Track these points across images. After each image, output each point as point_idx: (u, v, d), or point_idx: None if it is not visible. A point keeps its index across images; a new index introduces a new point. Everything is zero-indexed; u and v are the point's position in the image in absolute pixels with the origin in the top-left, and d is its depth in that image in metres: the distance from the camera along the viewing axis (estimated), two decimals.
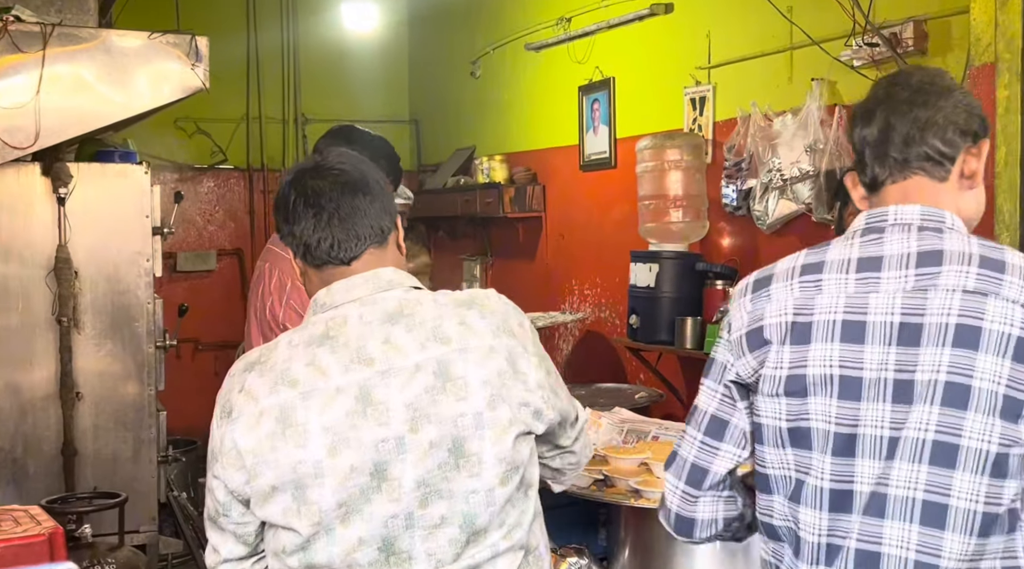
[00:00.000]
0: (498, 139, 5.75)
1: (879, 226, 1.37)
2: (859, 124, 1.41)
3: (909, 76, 1.42)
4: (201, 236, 6.34)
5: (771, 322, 1.39)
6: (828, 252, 1.39)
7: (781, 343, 1.37)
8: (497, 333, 1.46)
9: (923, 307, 1.30)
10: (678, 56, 4.20)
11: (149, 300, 3.58)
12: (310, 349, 1.45)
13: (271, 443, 1.40)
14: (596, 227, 4.84)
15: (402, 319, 1.45)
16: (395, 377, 1.41)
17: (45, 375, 3.42)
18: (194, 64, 3.22)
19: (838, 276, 1.36)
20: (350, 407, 1.40)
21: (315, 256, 1.51)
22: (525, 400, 1.45)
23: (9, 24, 2.95)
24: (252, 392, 1.44)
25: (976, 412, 1.27)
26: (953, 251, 1.33)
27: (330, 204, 1.49)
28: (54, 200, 3.37)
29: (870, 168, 1.40)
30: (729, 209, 3.84)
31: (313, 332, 1.46)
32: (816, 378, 1.35)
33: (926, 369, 1.29)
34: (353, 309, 1.46)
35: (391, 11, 6.26)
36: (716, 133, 4.00)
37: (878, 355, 1.32)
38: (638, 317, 4.05)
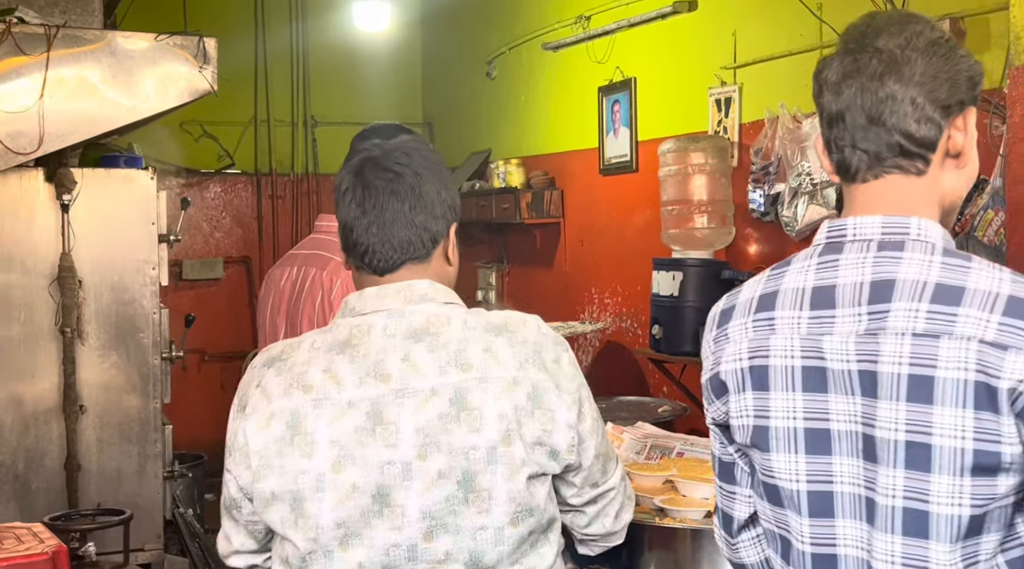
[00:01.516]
0: (514, 142, 5.75)
1: (838, 243, 1.26)
2: (826, 94, 1.26)
3: (879, 33, 1.23)
4: (208, 243, 6.37)
5: (727, 367, 1.31)
6: (785, 277, 1.29)
7: (740, 390, 1.30)
8: (524, 365, 1.42)
9: (876, 353, 1.19)
10: (702, 55, 4.18)
11: (155, 310, 3.59)
12: (330, 355, 1.44)
13: (278, 448, 1.41)
14: (617, 233, 4.83)
15: (427, 337, 1.43)
16: (409, 398, 1.40)
17: (47, 387, 3.43)
18: (202, 66, 3.23)
19: (791, 313, 1.26)
20: (359, 423, 1.40)
21: (353, 257, 1.50)
22: (541, 439, 1.41)
23: (12, 26, 2.97)
24: (267, 391, 1.44)
25: (941, 474, 1.16)
26: (906, 280, 1.19)
27: (374, 209, 1.46)
28: (57, 207, 3.38)
29: (839, 154, 1.26)
30: (756, 215, 3.82)
31: (336, 337, 1.46)
32: (779, 432, 1.26)
33: (884, 426, 1.18)
34: (379, 319, 1.45)
35: (404, 10, 6.29)
36: (742, 135, 3.98)
37: (844, 405, 1.22)
38: (661, 327, 4.03)
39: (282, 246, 6.48)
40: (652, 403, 4.03)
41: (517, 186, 5.36)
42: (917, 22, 1.25)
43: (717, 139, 4.02)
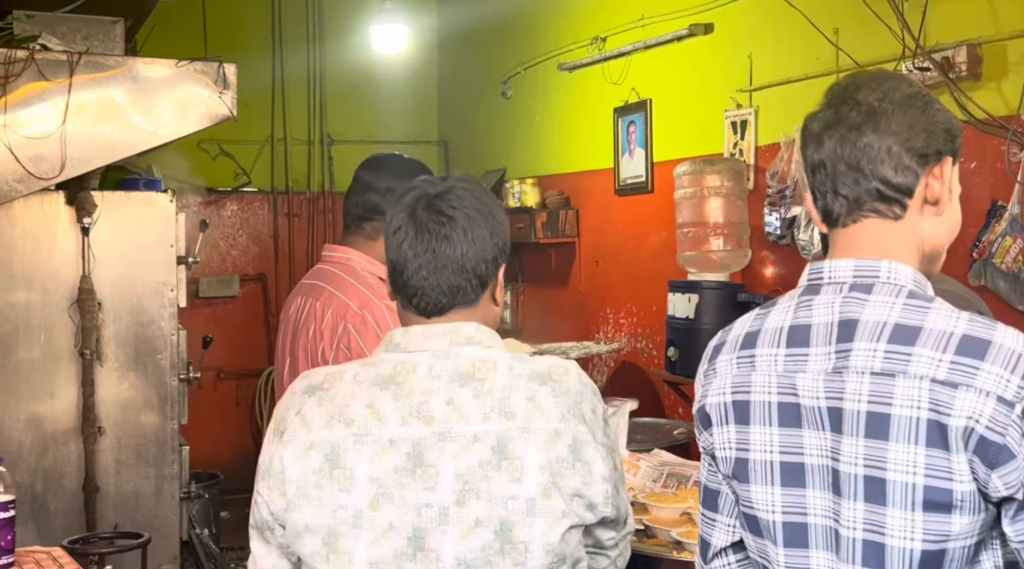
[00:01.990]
0: (530, 161, 5.76)
1: (816, 284, 1.32)
2: (809, 146, 1.33)
3: (859, 89, 1.31)
4: (224, 261, 6.41)
5: (712, 401, 1.37)
6: (768, 317, 1.35)
7: (723, 423, 1.35)
8: (566, 417, 1.42)
9: (841, 391, 1.25)
10: (718, 78, 4.19)
11: (173, 332, 3.61)
12: (373, 390, 1.43)
13: (316, 480, 1.40)
14: (632, 254, 4.84)
15: (472, 382, 1.42)
16: (451, 443, 1.39)
17: (66, 409, 3.46)
18: (222, 92, 3.27)
19: (770, 351, 1.32)
20: (400, 463, 1.39)
21: (400, 294, 1.50)
22: (580, 492, 1.41)
23: (36, 53, 3.01)
24: (308, 420, 1.43)
25: (895, 508, 1.21)
26: (868, 321, 1.25)
27: (426, 252, 1.46)
28: (78, 230, 3.42)
29: (821, 202, 1.33)
30: (772, 238, 3.82)
31: (380, 372, 1.45)
32: (757, 464, 1.32)
33: (846, 461, 1.24)
34: (424, 359, 1.44)
35: (420, 33, 6.33)
36: (758, 158, 3.99)
37: (817, 440, 1.28)
38: (676, 350, 4.03)
39: (298, 264, 6.51)
40: (667, 425, 4.02)
41: (532, 206, 5.38)
42: (895, 79, 1.33)
43: (733, 162, 4.03)
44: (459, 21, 6.40)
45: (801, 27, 3.62)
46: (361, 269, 2.31)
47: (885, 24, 3.15)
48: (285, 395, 1.51)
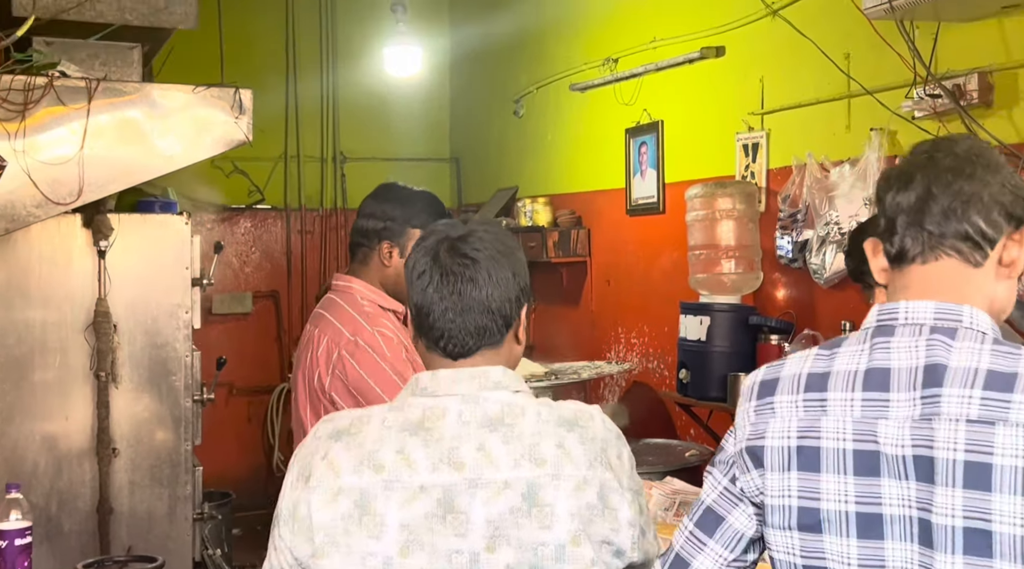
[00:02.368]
0: (541, 180, 5.78)
1: (889, 326, 1.29)
2: (894, 187, 1.32)
3: (954, 144, 1.33)
4: (237, 278, 6.44)
5: (772, 444, 1.32)
6: (837, 359, 1.30)
7: (785, 469, 1.30)
8: (593, 463, 1.42)
9: (932, 439, 1.21)
10: (730, 101, 4.21)
11: (187, 353, 3.63)
12: (402, 435, 1.43)
13: (345, 526, 1.39)
14: (643, 274, 4.84)
15: (501, 427, 1.43)
16: (482, 489, 1.40)
17: (81, 430, 3.48)
18: (237, 117, 3.29)
19: (844, 395, 1.28)
20: (430, 509, 1.39)
21: (426, 339, 1.50)
22: (609, 539, 1.42)
23: (55, 80, 3.05)
24: (335, 465, 1.42)
25: (1003, 560, 1.17)
26: (958, 368, 1.22)
27: (452, 295, 1.46)
28: (94, 252, 3.44)
29: (899, 238, 1.30)
30: (784, 261, 3.83)
31: (409, 417, 1.45)
32: (831, 514, 1.27)
33: (941, 512, 1.19)
34: (454, 404, 1.45)
35: (433, 54, 6.37)
36: (770, 181, 3.99)
37: (897, 489, 1.23)
38: (688, 372, 4.03)
39: (310, 281, 6.54)
40: (679, 446, 4.03)
41: (544, 225, 5.39)
42: (984, 144, 1.36)
43: (745, 185, 4.04)
44: (471, 42, 6.43)
45: (812, 52, 3.63)
46: (360, 297, 2.37)
47: (895, 51, 3.16)
48: (308, 439, 1.50)
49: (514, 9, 5.96)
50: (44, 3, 3.06)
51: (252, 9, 6.17)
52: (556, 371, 4.46)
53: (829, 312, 3.68)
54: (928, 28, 3.14)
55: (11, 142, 3.05)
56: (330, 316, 2.37)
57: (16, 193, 3.10)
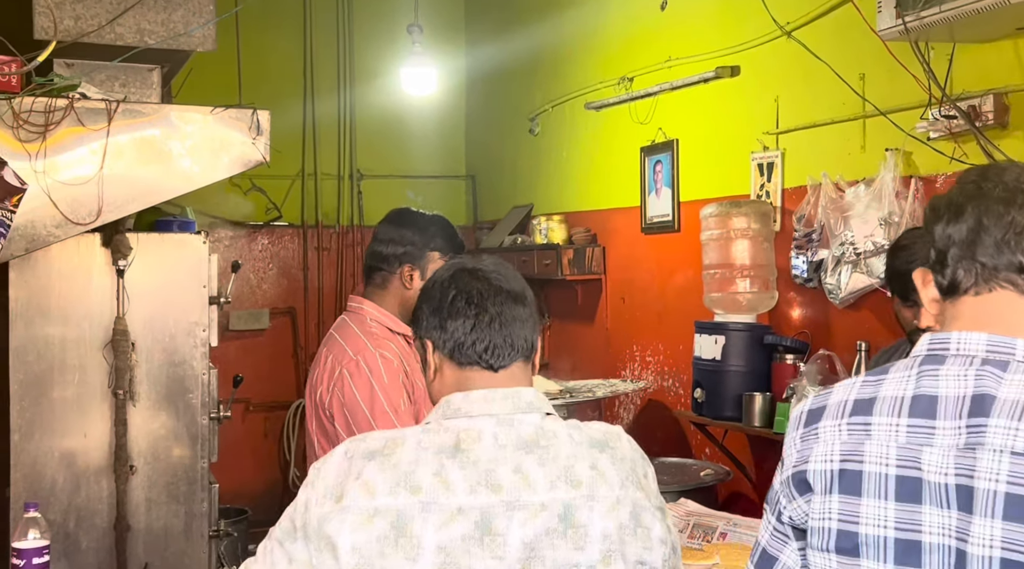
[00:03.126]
0: (556, 198, 5.79)
1: (940, 355, 1.29)
2: (944, 219, 1.31)
3: (1002, 172, 1.31)
4: (254, 294, 6.47)
5: (816, 467, 1.31)
6: (883, 385, 1.30)
7: (827, 492, 1.30)
8: (625, 483, 1.45)
9: (973, 468, 1.20)
10: (745, 120, 4.21)
11: (204, 371, 3.65)
12: (439, 457, 1.43)
13: (380, 548, 1.38)
14: (658, 292, 4.84)
15: (537, 450, 1.45)
16: (520, 511, 1.40)
17: (99, 447, 3.49)
18: (255, 138, 3.31)
19: (889, 420, 1.27)
20: (468, 531, 1.39)
21: (464, 356, 1.52)
22: (642, 558, 1.43)
23: (75, 102, 3.08)
24: (370, 486, 1.41)
25: None
26: (1007, 400, 1.21)
27: (493, 307, 1.52)
28: (113, 271, 3.46)
29: (951, 270, 1.29)
30: (799, 280, 3.82)
31: (444, 441, 1.45)
32: (869, 539, 1.26)
33: (978, 542, 1.19)
34: (488, 426, 1.46)
35: (449, 73, 6.40)
36: (785, 200, 3.99)
37: (938, 518, 1.22)
38: (703, 391, 4.02)
39: (326, 297, 6.56)
40: (694, 466, 4.01)
41: (559, 243, 5.40)
42: None
43: (760, 204, 4.03)
44: (487, 61, 6.47)
45: (827, 72, 3.63)
46: (369, 319, 2.44)
47: (910, 73, 3.15)
48: (336, 458, 1.48)
49: (529, 29, 5.98)
50: (65, 27, 3.09)
51: (270, 31, 6.23)
52: (571, 389, 4.45)
53: (844, 332, 3.66)
54: (943, 49, 3.14)
55: (32, 163, 3.08)
56: (338, 336, 2.44)
57: (36, 213, 3.13)
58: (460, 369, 1.52)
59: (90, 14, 3.17)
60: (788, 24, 3.87)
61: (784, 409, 3.61)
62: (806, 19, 3.79)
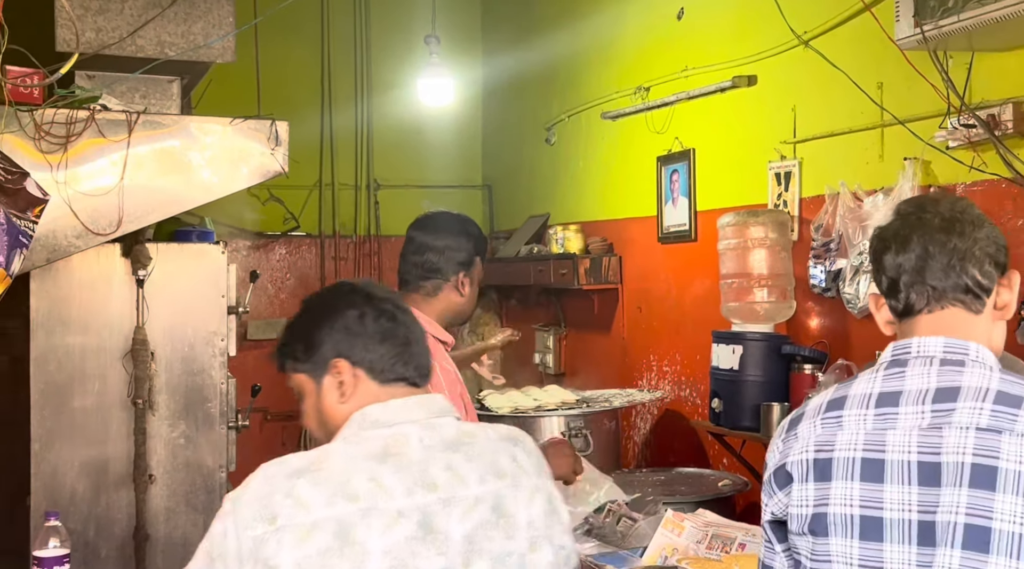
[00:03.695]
0: (573, 207, 5.79)
1: (902, 359, 1.43)
2: (893, 249, 1.46)
3: (937, 203, 1.47)
4: (272, 303, 6.50)
5: (794, 459, 1.45)
6: (853, 386, 1.46)
7: (803, 480, 1.43)
8: (539, 472, 1.57)
9: (939, 445, 1.33)
10: (762, 129, 4.19)
11: (223, 380, 3.67)
12: (370, 464, 1.45)
13: (324, 561, 1.38)
14: (675, 301, 4.82)
15: (462, 447, 1.52)
16: (456, 507, 1.46)
17: (118, 457, 3.52)
18: (274, 149, 3.34)
19: (858, 412, 1.41)
20: (411, 532, 1.42)
21: (385, 373, 1.56)
22: (563, 543, 1.54)
23: (96, 113, 3.11)
24: (304, 501, 1.41)
25: (998, 555, 1.28)
26: (970, 387, 1.36)
27: (402, 328, 1.60)
28: (133, 281, 3.50)
29: (904, 295, 1.44)
30: (817, 290, 3.79)
31: (371, 448, 1.47)
32: (836, 518, 1.39)
33: (945, 510, 1.30)
34: (413, 430, 1.51)
35: (466, 83, 6.43)
36: (802, 210, 3.97)
37: (898, 494, 1.35)
38: (721, 401, 3.99)
39: None
40: (712, 476, 3.98)
41: (576, 252, 5.39)
42: (963, 199, 1.54)
43: (777, 213, 4.01)
44: (503, 71, 6.48)
45: (845, 81, 3.62)
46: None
47: (928, 82, 3.14)
48: (256, 484, 1.46)
49: (546, 39, 5.99)
50: (87, 39, 3.13)
51: (288, 42, 6.26)
52: (587, 398, 4.44)
53: (863, 342, 3.64)
54: (962, 58, 3.12)
55: (53, 173, 3.12)
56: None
57: (57, 223, 3.17)
58: (383, 386, 1.57)
59: (111, 26, 3.20)
60: (805, 33, 3.86)
61: None
62: (823, 28, 3.78)
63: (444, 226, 2.48)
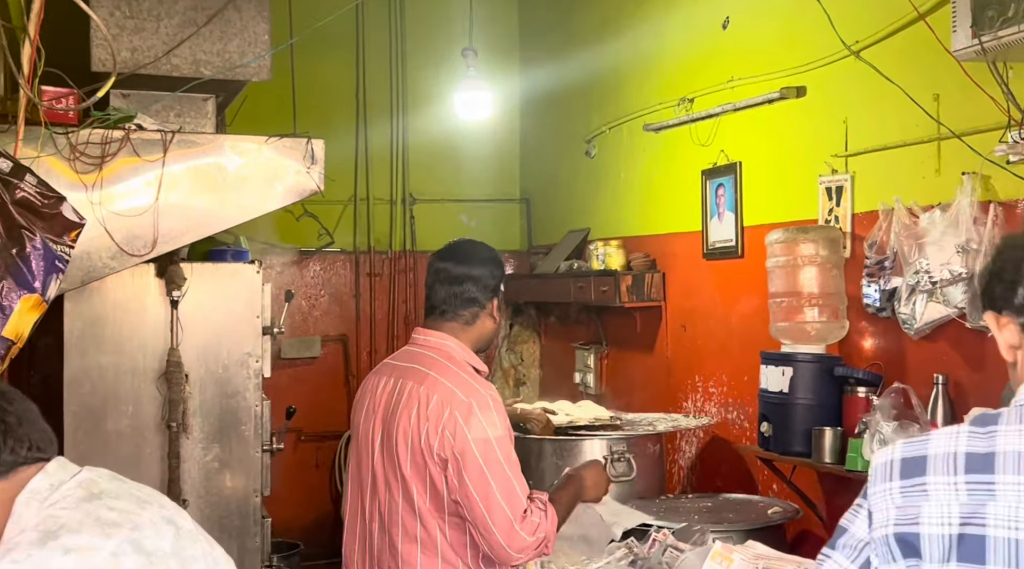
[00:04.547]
0: (614, 222, 5.77)
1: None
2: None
3: None
4: (306, 321, 6.55)
5: (929, 531, 1.27)
6: (998, 438, 1.28)
7: (944, 560, 1.25)
8: None
9: None
10: (812, 142, 4.15)
11: (257, 402, 3.71)
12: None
13: None
14: (721, 320, 4.78)
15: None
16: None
17: (151, 480, 3.55)
18: (309, 167, 3.37)
19: (1015, 478, 1.24)
20: None
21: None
22: None
23: (131, 133, 3.16)
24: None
25: None
26: None
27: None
28: (167, 302, 3.55)
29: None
30: (871, 310, 3.74)
31: None
32: None
33: None
34: None
35: (504, 97, 6.46)
36: (855, 226, 3.92)
37: None
38: (770, 425, 3.95)
39: (378, 324, 6.62)
40: (761, 503, 3.93)
41: (617, 268, 5.37)
42: None
43: (828, 230, 3.97)
44: (542, 83, 6.50)
45: (898, 92, 3.58)
46: (459, 357, 2.46)
47: (987, 94, 3.09)
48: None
49: (586, 50, 6.00)
50: (123, 58, 3.18)
51: (324, 57, 6.33)
52: (630, 422, 4.41)
53: (920, 364, 3.58)
54: (1022, 69, 3.07)
55: (88, 194, 3.17)
56: (435, 374, 2.42)
57: (92, 244, 3.22)
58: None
59: (146, 46, 3.26)
60: (856, 43, 3.82)
61: (856, 445, 3.54)
62: (875, 38, 3.74)
63: (474, 255, 2.58)
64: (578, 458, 3.92)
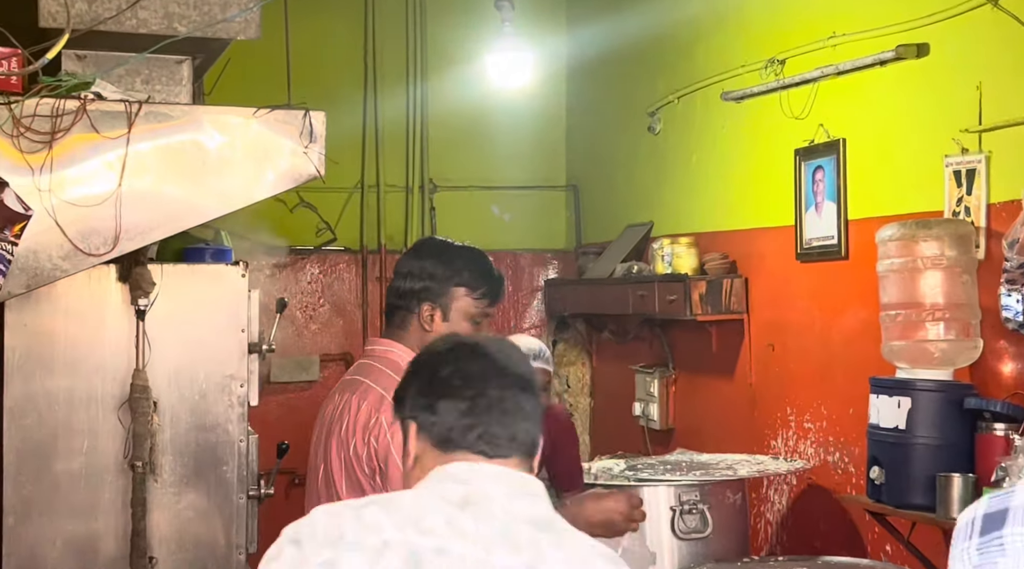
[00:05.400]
0: (683, 215, 5.77)
1: None
2: None
3: None
4: (301, 337, 6.56)
5: None
6: (1015, 495, 1.41)
7: None
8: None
9: None
10: (935, 114, 4.13)
11: (242, 437, 3.69)
12: (447, 506, 1.64)
13: None
14: (820, 338, 4.77)
15: (551, 532, 1.64)
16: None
17: (112, 533, 3.55)
18: (307, 146, 3.35)
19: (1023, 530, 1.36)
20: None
21: (453, 443, 1.69)
22: None
23: (88, 103, 3.15)
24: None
25: None
26: None
27: (494, 391, 1.70)
28: (131, 313, 3.54)
29: None
30: (1012, 326, 3.71)
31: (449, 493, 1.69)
32: None
33: None
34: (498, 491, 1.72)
35: (548, 60, 6.47)
36: (991, 220, 3.90)
37: None
38: (882, 470, 3.93)
39: None
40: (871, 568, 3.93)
41: (687, 272, 5.36)
42: None
43: (957, 224, 3.95)
44: (594, 43, 6.51)
45: None
46: (403, 363, 2.46)
47: None
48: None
49: (649, 1, 5.97)
50: (78, 11, 3.18)
51: (324, 12, 6.36)
52: (704, 464, 4.39)
53: None
54: None
55: (35, 178, 3.17)
56: (370, 382, 2.59)
57: (40, 241, 3.21)
58: (445, 455, 1.67)
59: None
60: None
61: None
62: None
63: (419, 249, 2.78)
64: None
